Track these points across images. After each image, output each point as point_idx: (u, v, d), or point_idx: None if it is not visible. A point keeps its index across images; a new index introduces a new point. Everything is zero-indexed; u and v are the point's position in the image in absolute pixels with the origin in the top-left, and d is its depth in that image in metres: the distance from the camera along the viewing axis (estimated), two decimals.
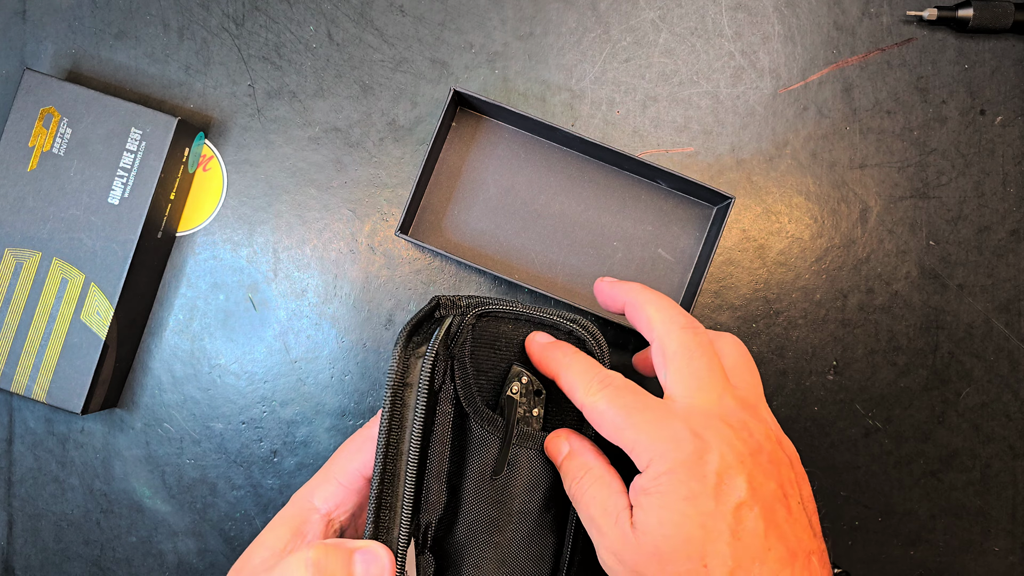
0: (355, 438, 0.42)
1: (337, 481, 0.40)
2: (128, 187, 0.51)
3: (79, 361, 0.51)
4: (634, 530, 0.36)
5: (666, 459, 0.36)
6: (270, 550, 0.38)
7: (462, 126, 0.55)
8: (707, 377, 0.39)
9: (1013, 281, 0.56)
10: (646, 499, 0.36)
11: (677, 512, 0.35)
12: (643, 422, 0.37)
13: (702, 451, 0.36)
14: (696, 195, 0.54)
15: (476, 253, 0.55)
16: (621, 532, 0.36)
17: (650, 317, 0.41)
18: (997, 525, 0.55)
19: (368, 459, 0.41)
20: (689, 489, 0.35)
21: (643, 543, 0.36)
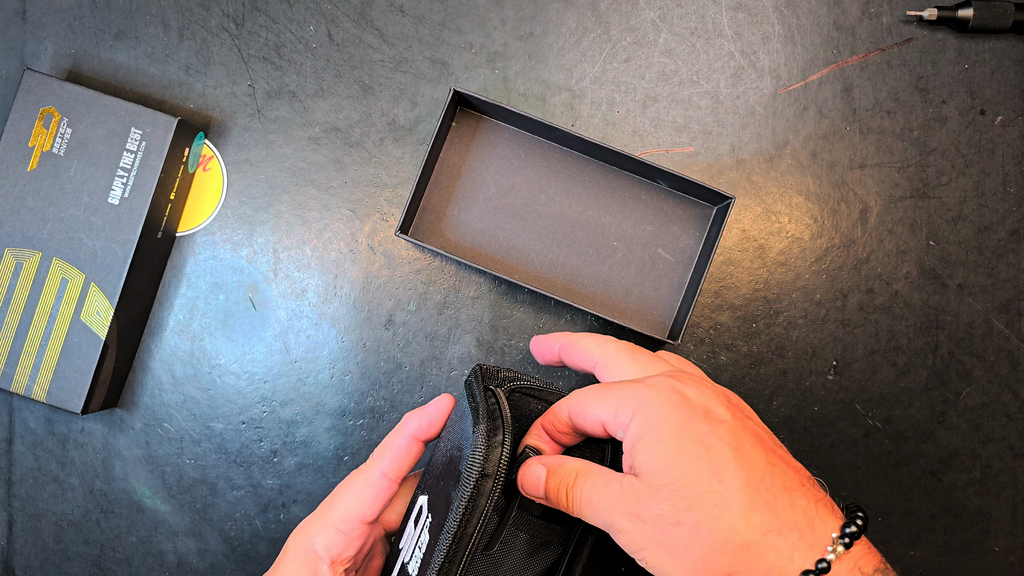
0: (352, 483, 0.42)
1: (337, 528, 0.41)
2: (128, 187, 0.51)
3: (79, 361, 0.51)
4: (640, 478, 0.37)
5: (651, 404, 0.37)
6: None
7: (462, 126, 0.55)
8: (654, 362, 0.42)
9: (1013, 281, 0.56)
10: (641, 443, 0.37)
11: (675, 442, 0.36)
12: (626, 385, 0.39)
13: (681, 389, 0.38)
14: (696, 195, 0.54)
15: (476, 253, 0.55)
16: (629, 490, 0.37)
17: (586, 346, 0.43)
18: (997, 525, 0.55)
19: (367, 505, 0.42)
20: (679, 418, 0.37)
21: (653, 482, 0.36)
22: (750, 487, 0.36)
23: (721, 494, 0.36)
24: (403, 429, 0.43)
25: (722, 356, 0.55)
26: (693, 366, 0.44)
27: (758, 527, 0.35)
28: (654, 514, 0.36)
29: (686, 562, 0.36)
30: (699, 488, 0.36)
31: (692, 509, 0.35)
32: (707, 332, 0.55)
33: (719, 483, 0.36)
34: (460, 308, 0.55)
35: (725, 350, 0.55)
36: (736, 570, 0.35)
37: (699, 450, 0.36)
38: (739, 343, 0.55)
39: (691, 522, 0.35)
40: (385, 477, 0.42)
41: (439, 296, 0.55)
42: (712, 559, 0.35)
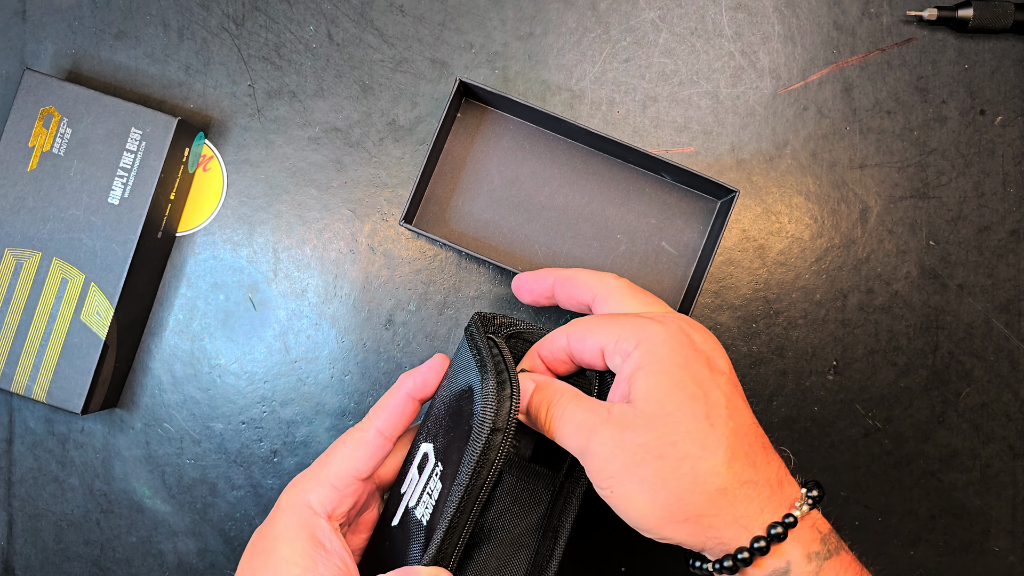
0: (347, 440, 0.42)
1: (332, 485, 0.41)
2: (128, 187, 0.51)
3: (79, 361, 0.51)
4: (632, 405, 0.37)
5: (657, 337, 0.38)
6: (298, 566, 0.39)
7: (467, 117, 0.55)
8: (656, 301, 0.42)
9: (1013, 281, 0.56)
10: (642, 372, 0.37)
11: (675, 377, 0.37)
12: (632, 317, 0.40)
13: (688, 332, 0.39)
14: (700, 189, 0.54)
15: (480, 244, 0.55)
16: (617, 415, 0.37)
17: (586, 280, 0.43)
18: (997, 525, 0.55)
19: (362, 463, 0.41)
20: (683, 357, 0.37)
21: (646, 410, 0.36)
22: (736, 437, 0.37)
23: (710, 437, 0.36)
24: (399, 389, 0.43)
25: None
26: None
27: (738, 476, 0.36)
28: (638, 442, 0.36)
29: (658, 496, 0.36)
30: (690, 427, 0.36)
31: (678, 445, 0.36)
32: None
33: (710, 426, 0.36)
34: (460, 308, 0.55)
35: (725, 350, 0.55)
36: (706, 512, 0.36)
37: (698, 392, 0.37)
38: (739, 343, 0.55)
39: (675, 457, 0.36)
40: (381, 435, 0.42)
41: (439, 296, 0.55)
42: (686, 498, 0.36)
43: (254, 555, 0.41)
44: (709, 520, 0.36)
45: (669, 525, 0.36)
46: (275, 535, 0.40)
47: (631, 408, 0.37)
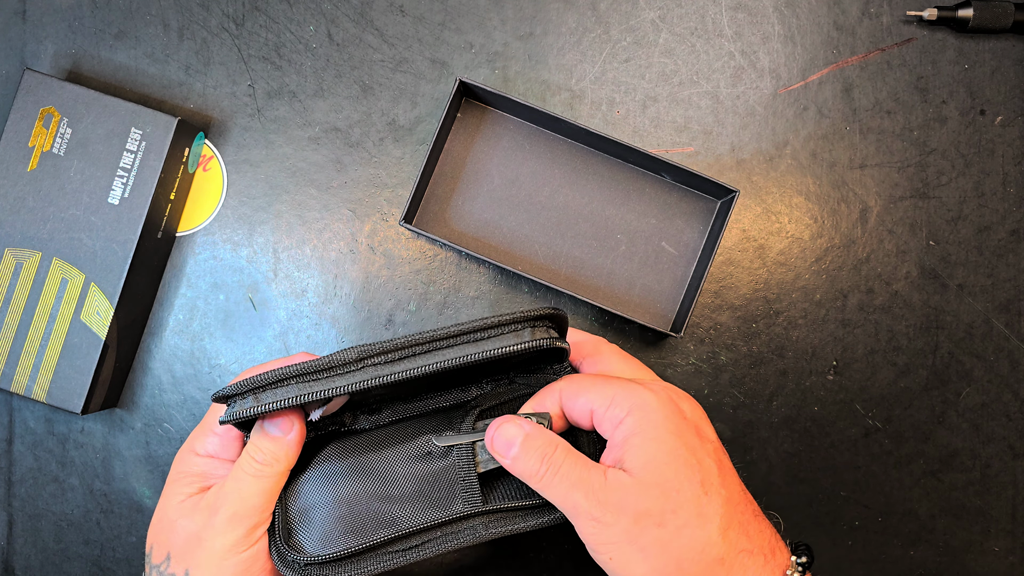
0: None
1: (212, 431, 0.43)
2: (128, 187, 0.51)
3: (79, 361, 0.51)
4: (629, 473, 0.37)
5: (649, 405, 0.38)
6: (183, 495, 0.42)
7: (467, 117, 0.55)
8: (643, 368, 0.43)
9: (1013, 281, 0.56)
10: (636, 440, 0.37)
11: (670, 445, 0.37)
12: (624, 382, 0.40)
13: (677, 401, 0.39)
14: (700, 189, 0.54)
15: (480, 244, 0.55)
16: (614, 481, 0.37)
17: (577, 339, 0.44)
18: (997, 525, 0.55)
19: None
20: (676, 425, 0.38)
21: (644, 478, 0.37)
22: (729, 506, 0.37)
23: (706, 506, 0.37)
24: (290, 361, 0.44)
25: (722, 356, 0.55)
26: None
27: (733, 545, 0.37)
28: (638, 509, 0.36)
29: (658, 564, 0.36)
30: (688, 495, 0.36)
31: (678, 513, 0.36)
32: (707, 332, 0.55)
33: (705, 495, 0.37)
34: (460, 308, 0.55)
35: (725, 350, 0.55)
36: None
37: (692, 460, 0.37)
38: (739, 343, 0.55)
39: (675, 526, 0.36)
40: None
41: (439, 296, 0.55)
42: (686, 566, 0.36)
43: (160, 501, 0.43)
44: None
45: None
46: (170, 479, 0.43)
47: (628, 476, 0.37)
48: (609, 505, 0.36)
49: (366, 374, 0.37)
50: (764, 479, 0.55)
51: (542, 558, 0.55)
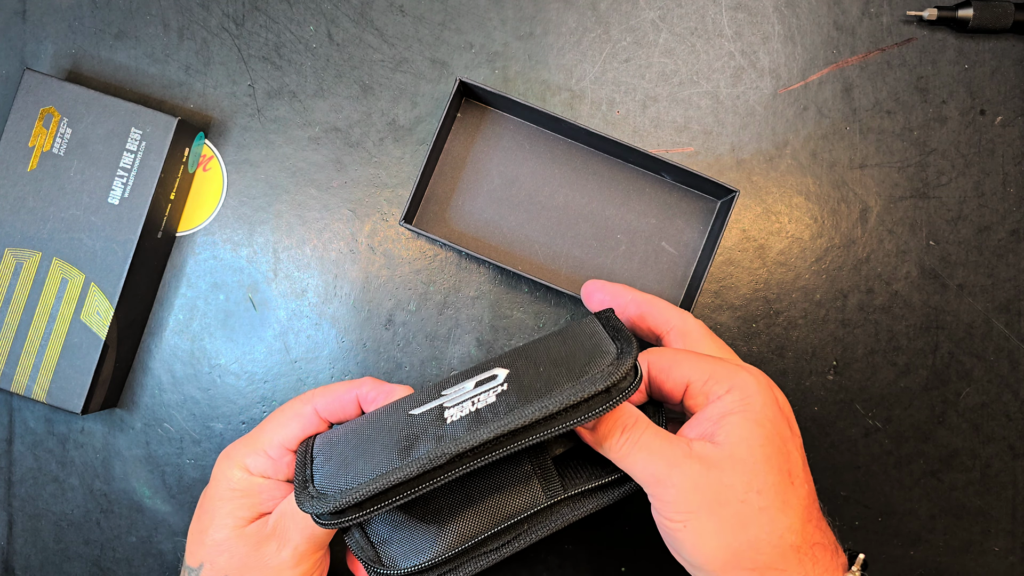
0: (285, 411, 0.44)
1: (265, 452, 0.43)
2: (128, 187, 0.51)
3: (79, 361, 0.51)
4: (719, 447, 0.37)
5: (751, 387, 0.39)
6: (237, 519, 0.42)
7: (467, 117, 0.55)
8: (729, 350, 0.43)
9: (1013, 281, 0.56)
10: (734, 418, 0.38)
11: (767, 430, 0.38)
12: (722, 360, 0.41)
13: (774, 390, 0.40)
14: (700, 189, 0.54)
15: (480, 244, 0.55)
16: (700, 452, 0.37)
17: (664, 310, 0.44)
18: (997, 525, 0.55)
19: (294, 434, 0.43)
20: (773, 413, 0.39)
21: (735, 454, 0.37)
22: (808, 500, 0.38)
23: (790, 495, 0.37)
24: (356, 388, 0.44)
25: None
26: None
27: (809, 537, 0.37)
28: (723, 483, 0.37)
29: (733, 540, 0.37)
30: (776, 480, 0.37)
31: (763, 495, 0.37)
32: None
33: (790, 484, 0.37)
34: (460, 308, 0.55)
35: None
36: (775, 566, 0.37)
37: (784, 449, 0.38)
38: (739, 343, 0.55)
39: (757, 505, 0.37)
40: (316, 415, 0.44)
41: (439, 296, 0.55)
42: (760, 547, 0.36)
43: (200, 517, 0.43)
44: (774, 574, 0.37)
45: (732, 571, 0.37)
46: (218, 495, 0.43)
47: (717, 449, 0.37)
48: (693, 475, 0.37)
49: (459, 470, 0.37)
50: None
51: (542, 558, 0.55)
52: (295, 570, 0.42)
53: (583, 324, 0.43)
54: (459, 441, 0.37)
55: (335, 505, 0.37)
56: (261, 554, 0.41)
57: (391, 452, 0.38)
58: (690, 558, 0.38)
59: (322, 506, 0.37)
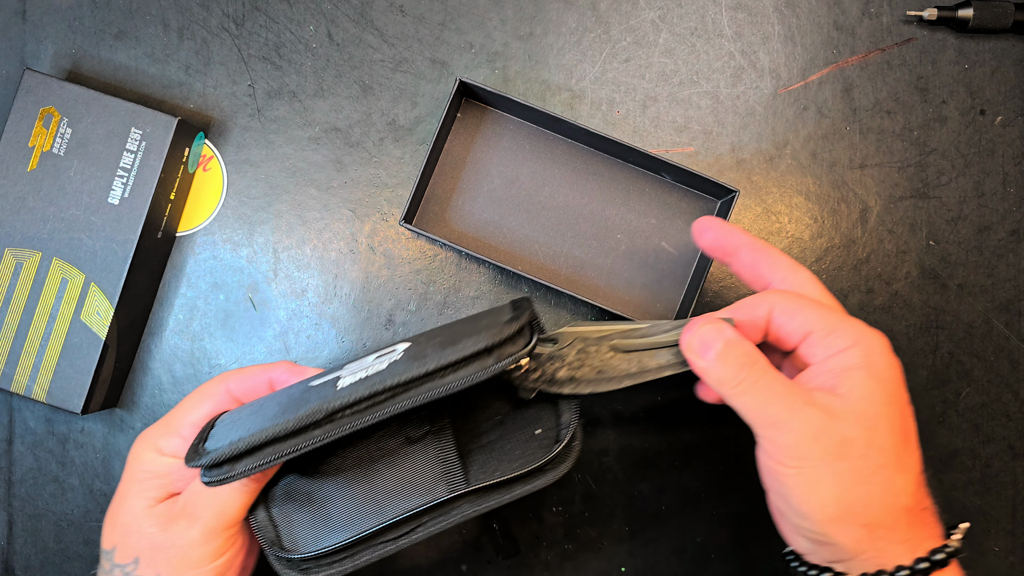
0: (197, 392, 0.45)
1: (179, 434, 0.43)
2: (128, 187, 0.51)
3: (79, 361, 0.51)
4: (841, 399, 0.37)
5: (876, 346, 0.38)
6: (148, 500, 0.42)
7: (467, 117, 0.55)
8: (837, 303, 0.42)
9: (1013, 281, 0.56)
10: (858, 372, 0.37)
11: (890, 389, 0.38)
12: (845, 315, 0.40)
13: (893, 353, 0.39)
14: (700, 189, 0.54)
15: (480, 244, 0.55)
16: (822, 401, 0.37)
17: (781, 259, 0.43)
18: (997, 525, 0.55)
19: (204, 413, 0.44)
20: (895, 374, 0.38)
21: (857, 408, 0.37)
22: (920, 465, 0.38)
23: (907, 457, 0.37)
24: (270, 371, 0.45)
25: None
26: None
27: (920, 500, 0.38)
28: (846, 435, 0.36)
29: (847, 494, 0.36)
30: (895, 441, 0.37)
31: (883, 452, 0.37)
32: None
33: (907, 446, 0.38)
34: (460, 308, 0.55)
35: None
36: (884, 524, 0.37)
37: (905, 412, 0.38)
38: None
39: (876, 463, 0.37)
40: (229, 394, 0.44)
41: (439, 296, 0.55)
42: (873, 504, 0.36)
43: (113, 501, 0.43)
44: (884, 532, 0.37)
45: (841, 524, 0.37)
46: (131, 477, 0.43)
47: (840, 401, 0.37)
48: (814, 423, 0.36)
49: (337, 427, 0.38)
50: None
51: (542, 558, 0.55)
52: (205, 548, 0.41)
53: (495, 307, 0.45)
54: (339, 398, 0.37)
55: (213, 458, 0.37)
56: (170, 532, 0.41)
57: (280, 414, 0.39)
58: (798, 506, 0.37)
59: (203, 460, 0.38)
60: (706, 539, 0.55)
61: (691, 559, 0.55)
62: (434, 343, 0.40)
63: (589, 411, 0.55)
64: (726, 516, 0.55)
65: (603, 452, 0.55)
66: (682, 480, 0.55)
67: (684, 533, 0.55)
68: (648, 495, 0.55)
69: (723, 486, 0.55)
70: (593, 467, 0.55)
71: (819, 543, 0.38)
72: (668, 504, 0.55)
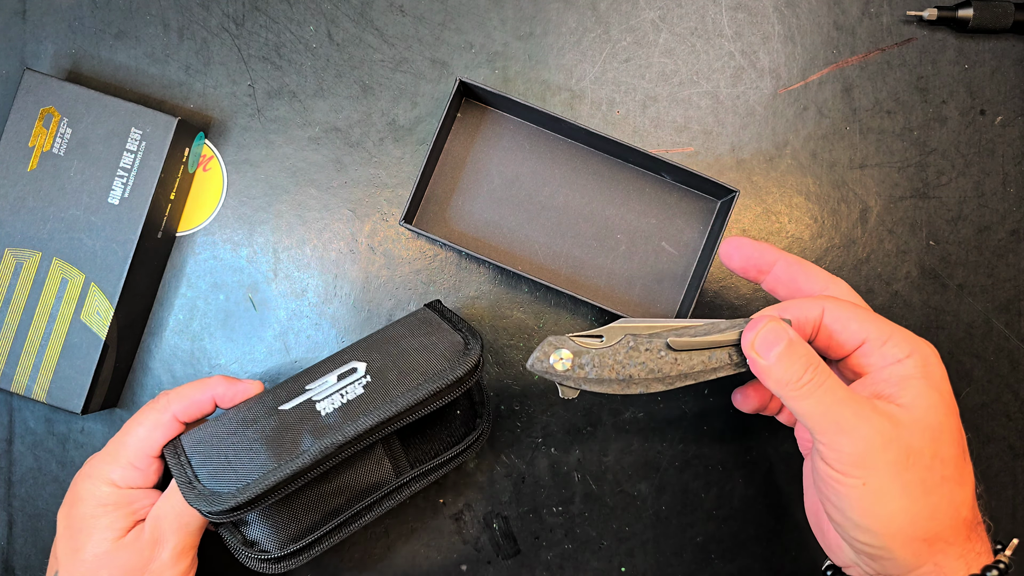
0: (143, 421, 0.45)
1: (132, 464, 0.44)
2: (128, 187, 0.51)
3: (79, 361, 0.51)
4: (904, 409, 0.36)
5: (931, 357, 0.38)
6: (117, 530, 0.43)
7: (467, 117, 0.55)
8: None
9: (1013, 281, 0.56)
10: (918, 383, 0.37)
11: (948, 401, 0.37)
12: (896, 325, 0.40)
13: (941, 361, 0.39)
14: (700, 189, 0.54)
15: (480, 244, 0.55)
16: (888, 412, 0.36)
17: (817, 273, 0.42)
18: (997, 525, 0.55)
19: (157, 443, 0.45)
20: (948, 386, 0.38)
21: (920, 418, 0.36)
22: (973, 480, 0.38)
23: (965, 470, 0.37)
24: (209, 388, 0.46)
25: None
26: None
27: (977, 515, 0.38)
28: (911, 445, 0.36)
29: (915, 504, 0.35)
30: (956, 453, 0.37)
31: (945, 464, 0.36)
32: None
33: (965, 460, 0.37)
34: (460, 308, 0.55)
35: None
36: (945, 538, 0.36)
37: (959, 424, 0.38)
38: None
39: (941, 475, 0.36)
40: (175, 420, 0.45)
41: (439, 296, 0.55)
42: (939, 516, 0.36)
43: (71, 536, 0.43)
44: (943, 546, 0.36)
45: (906, 539, 0.36)
46: (88, 513, 0.43)
47: (903, 411, 0.36)
48: (884, 431, 0.35)
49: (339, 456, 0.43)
50: (764, 479, 0.55)
51: (542, 558, 0.55)
52: (175, 568, 0.44)
53: (420, 314, 0.50)
54: (343, 431, 0.42)
55: (235, 502, 0.41)
56: (142, 559, 0.43)
57: (272, 446, 0.42)
58: (860, 519, 0.36)
59: (220, 504, 0.41)
60: (706, 539, 0.55)
61: (691, 559, 0.55)
62: (395, 362, 0.45)
63: (589, 411, 0.55)
64: (726, 516, 0.55)
65: (603, 452, 0.55)
66: (682, 480, 0.55)
67: (684, 533, 0.55)
68: (648, 495, 0.55)
69: (723, 486, 0.55)
70: (593, 467, 0.55)
71: (876, 557, 0.37)
72: (668, 504, 0.55)
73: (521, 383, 0.55)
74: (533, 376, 0.55)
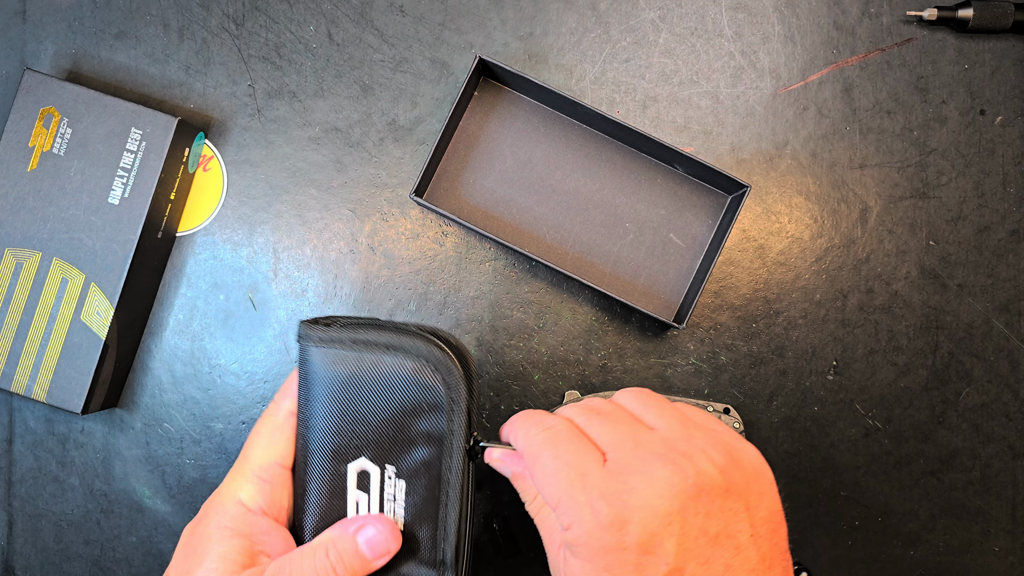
0: (261, 431, 0.41)
1: (259, 478, 0.40)
2: (128, 187, 0.51)
3: (79, 361, 0.51)
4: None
5: (584, 526, 0.34)
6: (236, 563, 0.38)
7: (484, 95, 0.55)
8: (623, 427, 0.38)
9: (1013, 281, 0.56)
10: (572, 559, 0.35)
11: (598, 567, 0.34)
12: (567, 481, 0.36)
13: (622, 522, 0.34)
14: (712, 183, 0.54)
15: (488, 222, 0.55)
16: (562, 564, 0.38)
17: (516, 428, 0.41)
18: (997, 525, 0.55)
19: (283, 448, 0.41)
20: (607, 561, 0.34)
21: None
22: None
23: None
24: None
25: (722, 356, 0.55)
26: (664, 406, 0.40)
27: None
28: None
29: None
30: None
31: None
32: (707, 332, 0.55)
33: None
34: (460, 308, 0.55)
35: (725, 350, 0.55)
36: None
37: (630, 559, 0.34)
38: (739, 343, 0.55)
39: None
40: (293, 415, 0.41)
41: (439, 296, 0.55)
42: None
43: (187, 556, 0.39)
44: None
45: None
46: (208, 534, 0.39)
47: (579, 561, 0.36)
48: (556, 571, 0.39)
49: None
50: None
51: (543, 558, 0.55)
52: None
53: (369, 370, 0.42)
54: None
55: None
56: None
57: None
58: None
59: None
60: None
61: None
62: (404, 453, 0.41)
63: None
64: None
65: None
66: None
67: None
68: None
69: None
70: None
71: None
72: None
73: (521, 383, 0.55)
74: (533, 376, 0.55)
